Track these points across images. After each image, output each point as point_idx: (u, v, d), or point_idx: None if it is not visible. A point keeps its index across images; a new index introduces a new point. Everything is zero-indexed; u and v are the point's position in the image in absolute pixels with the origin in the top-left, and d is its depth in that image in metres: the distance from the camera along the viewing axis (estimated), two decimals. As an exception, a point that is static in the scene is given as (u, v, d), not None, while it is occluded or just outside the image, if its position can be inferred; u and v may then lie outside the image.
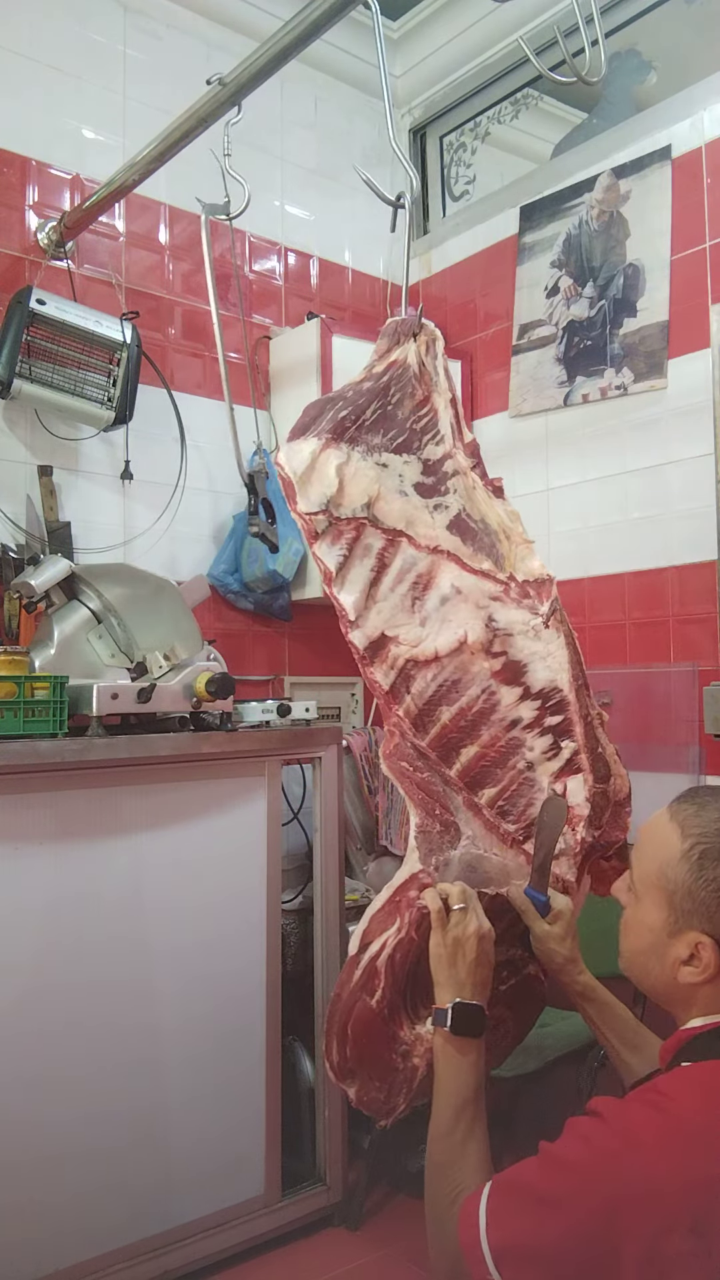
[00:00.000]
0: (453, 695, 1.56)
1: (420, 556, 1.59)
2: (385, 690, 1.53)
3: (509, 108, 3.00)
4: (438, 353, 1.73)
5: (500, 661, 1.58)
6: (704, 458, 2.27)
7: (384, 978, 1.38)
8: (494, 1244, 0.98)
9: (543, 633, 1.60)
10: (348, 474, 1.56)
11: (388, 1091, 1.40)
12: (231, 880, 1.93)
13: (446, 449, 1.69)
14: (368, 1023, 1.38)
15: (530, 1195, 0.99)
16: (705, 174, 2.31)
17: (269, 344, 2.74)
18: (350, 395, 1.63)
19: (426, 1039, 1.36)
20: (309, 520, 1.53)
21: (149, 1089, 1.80)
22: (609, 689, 2.45)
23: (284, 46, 1.72)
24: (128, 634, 1.93)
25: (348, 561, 1.54)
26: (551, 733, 1.59)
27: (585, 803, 1.56)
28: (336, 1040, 1.41)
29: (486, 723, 1.56)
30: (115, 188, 2.09)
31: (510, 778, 1.56)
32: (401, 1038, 1.39)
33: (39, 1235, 1.66)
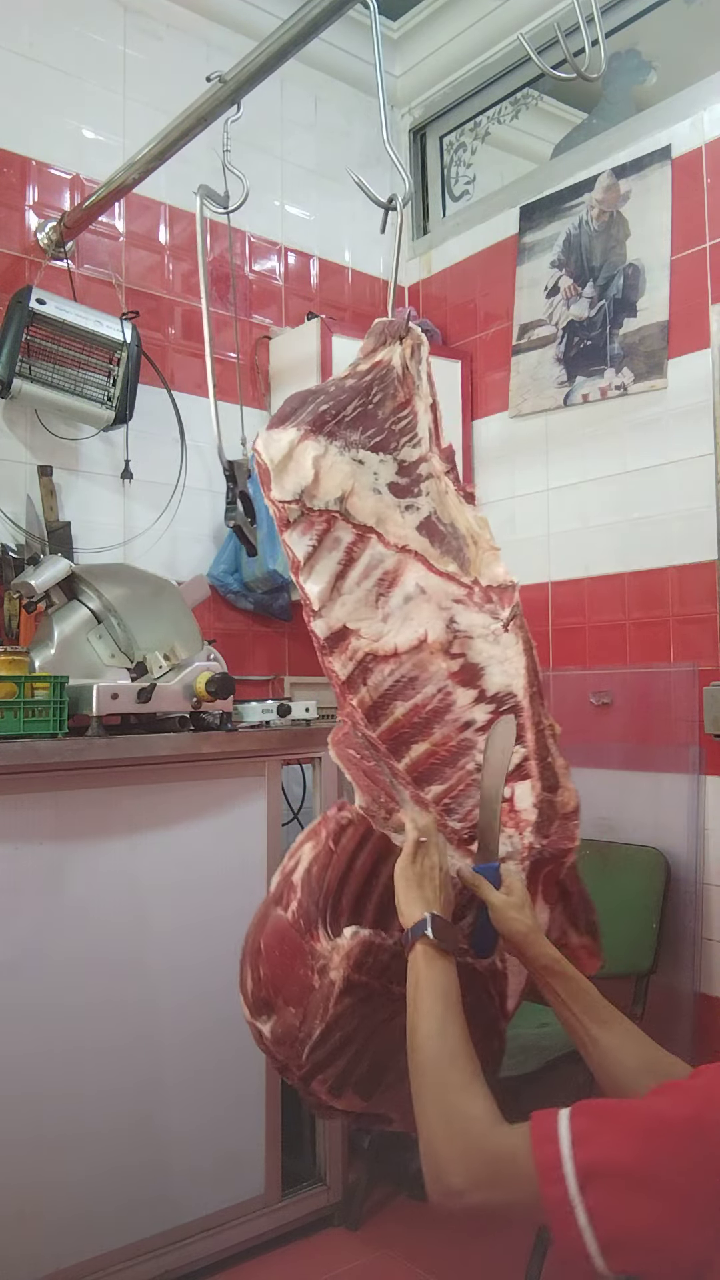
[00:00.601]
0: (408, 691, 1.58)
1: (388, 554, 1.61)
2: (342, 680, 1.55)
3: (509, 108, 3.00)
4: (422, 357, 1.75)
5: (459, 663, 1.61)
6: (704, 458, 2.27)
7: (300, 890, 1.37)
8: (583, 1162, 0.90)
9: (502, 638, 1.63)
10: (324, 466, 1.58)
11: (303, 1015, 1.35)
12: (232, 880, 1.93)
13: (423, 452, 1.71)
14: (281, 935, 1.36)
15: (644, 1116, 0.93)
16: (705, 174, 2.31)
17: (269, 344, 2.74)
18: (332, 390, 1.65)
19: (343, 948, 1.32)
20: (282, 508, 1.56)
21: (149, 1089, 1.80)
22: (609, 689, 2.45)
23: (283, 45, 1.72)
24: (128, 634, 1.93)
25: (316, 552, 1.57)
26: None
27: (532, 808, 1.56)
28: (250, 964, 1.39)
29: (440, 722, 1.58)
30: (115, 187, 2.09)
31: (459, 778, 1.57)
32: (318, 951, 1.34)
33: (39, 1235, 1.66)
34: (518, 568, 2.72)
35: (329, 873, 1.39)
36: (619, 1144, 0.91)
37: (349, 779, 1.48)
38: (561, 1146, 0.91)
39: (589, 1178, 0.89)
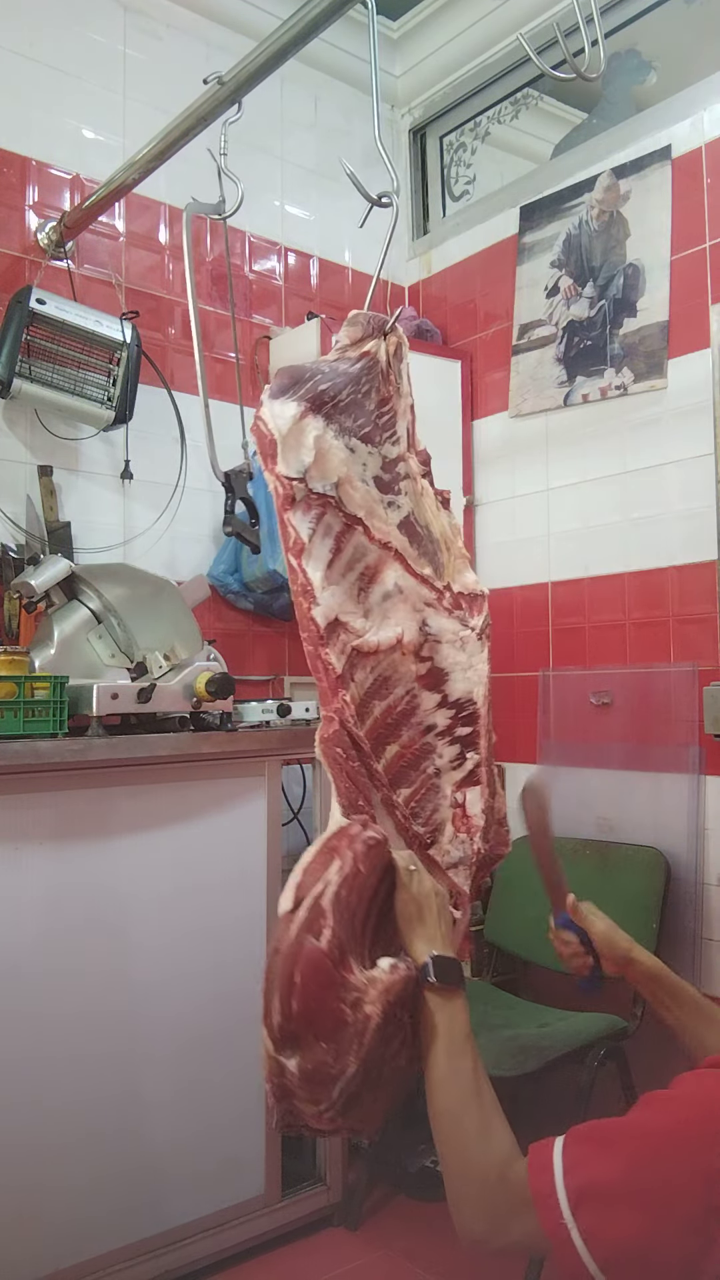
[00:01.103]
0: (383, 691, 1.56)
1: (371, 548, 1.57)
2: (336, 674, 1.49)
3: (509, 108, 3.00)
4: (403, 357, 1.73)
5: (426, 666, 1.60)
6: (704, 458, 2.27)
7: (331, 916, 1.29)
8: (573, 1186, 0.94)
9: (469, 645, 1.63)
10: (324, 448, 1.53)
11: (336, 1051, 1.28)
12: (231, 880, 1.93)
13: (401, 451, 1.68)
14: (317, 966, 1.27)
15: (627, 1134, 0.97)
16: (705, 174, 2.31)
17: (269, 344, 2.74)
18: (328, 371, 1.59)
19: (380, 982, 1.28)
20: (288, 485, 1.49)
21: (149, 1088, 1.80)
22: (609, 689, 2.45)
23: (282, 45, 1.72)
24: (128, 634, 1.93)
25: (314, 535, 1.51)
26: (460, 743, 1.61)
27: (481, 814, 1.57)
28: (280, 997, 1.29)
29: (407, 724, 1.57)
30: (115, 187, 2.09)
31: (421, 781, 1.57)
32: (352, 984, 1.29)
33: (38, 1235, 1.66)
34: (518, 568, 2.74)
35: (355, 896, 1.32)
36: (605, 1163, 0.95)
37: (331, 778, 1.45)
38: (555, 1175, 0.96)
39: (580, 1200, 0.93)
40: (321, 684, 1.50)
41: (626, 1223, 0.91)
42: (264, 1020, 1.30)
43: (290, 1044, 1.29)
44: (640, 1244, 0.90)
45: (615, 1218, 0.92)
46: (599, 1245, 0.91)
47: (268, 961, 1.32)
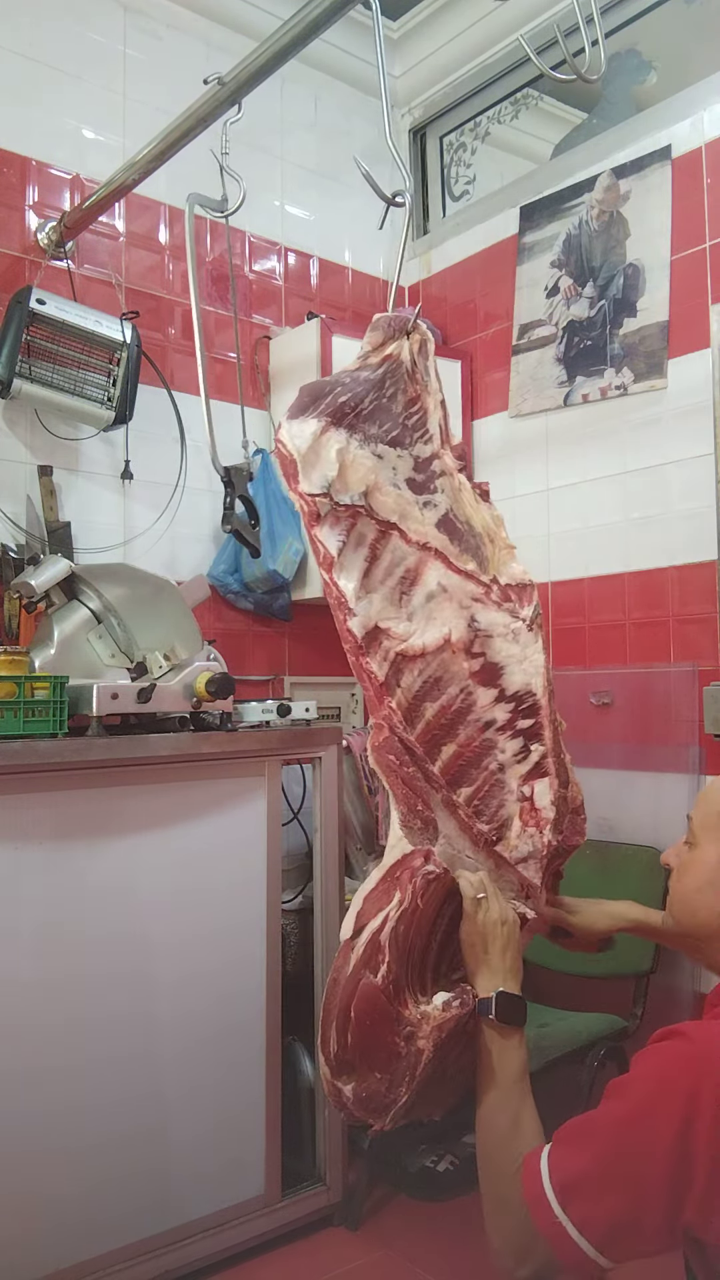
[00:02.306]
0: (435, 692, 1.56)
1: (409, 551, 1.58)
2: (380, 682, 1.51)
3: (509, 108, 3.00)
4: (429, 353, 1.73)
5: (479, 662, 1.59)
6: (704, 458, 2.27)
7: (388, 952, 1.32)
8: (558, 1184, 1.00)
9: (521, 636, 1.61)
10: (347, 460, 1.54)
11: (390, 1082, 1.33)
12: (231, 880, 1.93)
13: (435, 449, 1.68)
14: (372, 1001, 1.32)
15: (598, 1124, 1.02)
16: (705, 174, 2.31)
17: (269, 344, 2.74)
18: (348, 382, 1.61)
19: (433, 1018, 1.31)
20: (313, 502, 1.51)
21: (149, 1089, 1.80)
22: (609, 689, 2.45)
23: (283, 45, 1.72)
24: (128, 634, 1.93)
25: (345, 548, 1.53)
26: (522, 736, 1.59)
27: (550, 806, 1.56)
28: (337, 1027, 1.34)
29: (463, 722, 1.56)
30: (115, 188, 2.09)
31: (483, 778, 1.56)
32: (406, 1018, 1.33)
33: (39, 1235, 1.66)
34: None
35: (413, 931, 1.35)
36: (583, 1155, 1.02)
37: (386, 786, 1.46)
38: (543, 1178, 1.02)
39: (567, 1195, 1.00)
40: (368, 692, 1.52)
41: (609, 1200, 0.97)
42: (321, 1048, 1.36)
43: (346, 1071, 1.35)
44: (627, 1216, 0.96)
45: (600, 1200, 0.98)
46: (592, 1229, 0.97)
47: (326, 991, 1.38)
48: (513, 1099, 1.18)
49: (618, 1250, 0.97)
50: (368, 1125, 1.39)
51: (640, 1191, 0.96)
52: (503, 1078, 1.21)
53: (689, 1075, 0.98)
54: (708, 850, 1.20)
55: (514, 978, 1.31)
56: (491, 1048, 1.25)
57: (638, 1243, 0.97)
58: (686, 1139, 0.94)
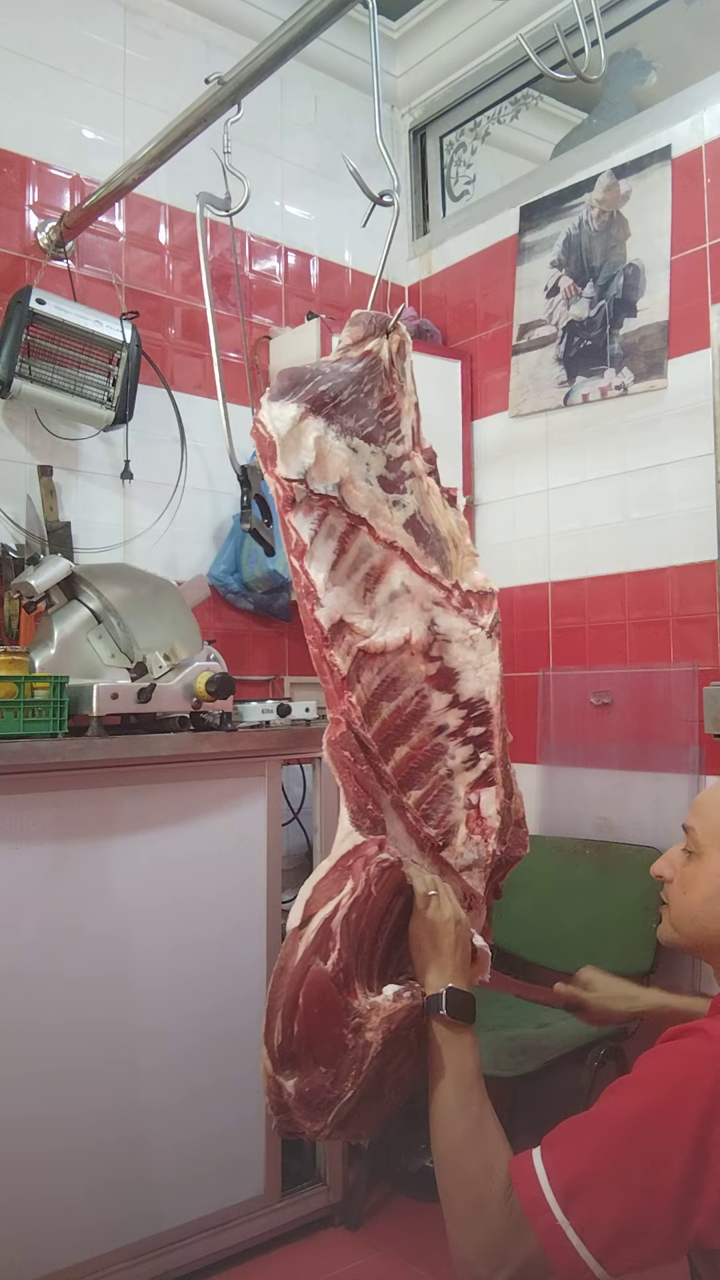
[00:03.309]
0: (391, 692, 1.55)
1: (376, 548, 1.56)
2: (342, 676, 1.47)
3: (509, 108, 3.00)
4: (407, 355, 1.72)
5: (435, 666, 1.58)
6: (704, 458, 2.27)
7: (339, 939, 1.27)
8: (559, 1186, 0.96)
9: (479, 643, 1.61)
10: (324, 449, 1.52)
11: (335, 1077, 1.27)
12: (232, 880, 1.93)
13: (406, 450, 1.67)
14: (322, 990, 1.26)
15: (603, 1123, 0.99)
16: (705, 174, 2.31)
17: (269, 344, 2.74)
18: (328, 371, 1.58)
19: (383, 1009, 1.27)
20: (289, 486, 1.48)
21: (149, 1088, 1.80)
22: (609, 689, 2.45)
23: (283, 45, 1.72)
24: (128, 634, 1.93)
25: (316, 537, 1.50)
26: (473, 743, 1.59)
27: (496, 815, 1.55)
28: (283, 1016, 1.28)
29: (417, 725, 1.55)
30: (115, 188, 2.09)
31: (433, 782, 1.55)
32: (355, 1009, 1.27)
33: (38, 1235, 1.66)
34: (517, 568, 2.73)
35: (365, 920, 1.30)
36: (585, 1156, 0.97)
37: (339, 782, 1.43)
38: (540, 1181, 0.97)
39: (569, 1197, 0.95)
40: (327, 686, 1.48)
41: (616, 1205, 0.93)
42: (264, 1039, 1.29)
43: (289, 1065, 1.28)
44: (635, 1223, 0.92)
45: (605, 1203, 0.93)
46: (595, 1235, 0.93)
47: (273, 979, 1.31)
48: (473, 1099, 1.14)
49: (619, 1260, 0.93)
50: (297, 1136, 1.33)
51: (651, 1195, 0.92)
52: (460, 1078, 1.16)
53: (711, 1073, 0.95)
54: (711, 861, 1.18)
55: (463, 976, 1.27)
56: (445, 1047, 1.20)
57: (642, 1252, 0.93)
58: (706, 1140, 0.91)
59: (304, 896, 1.35)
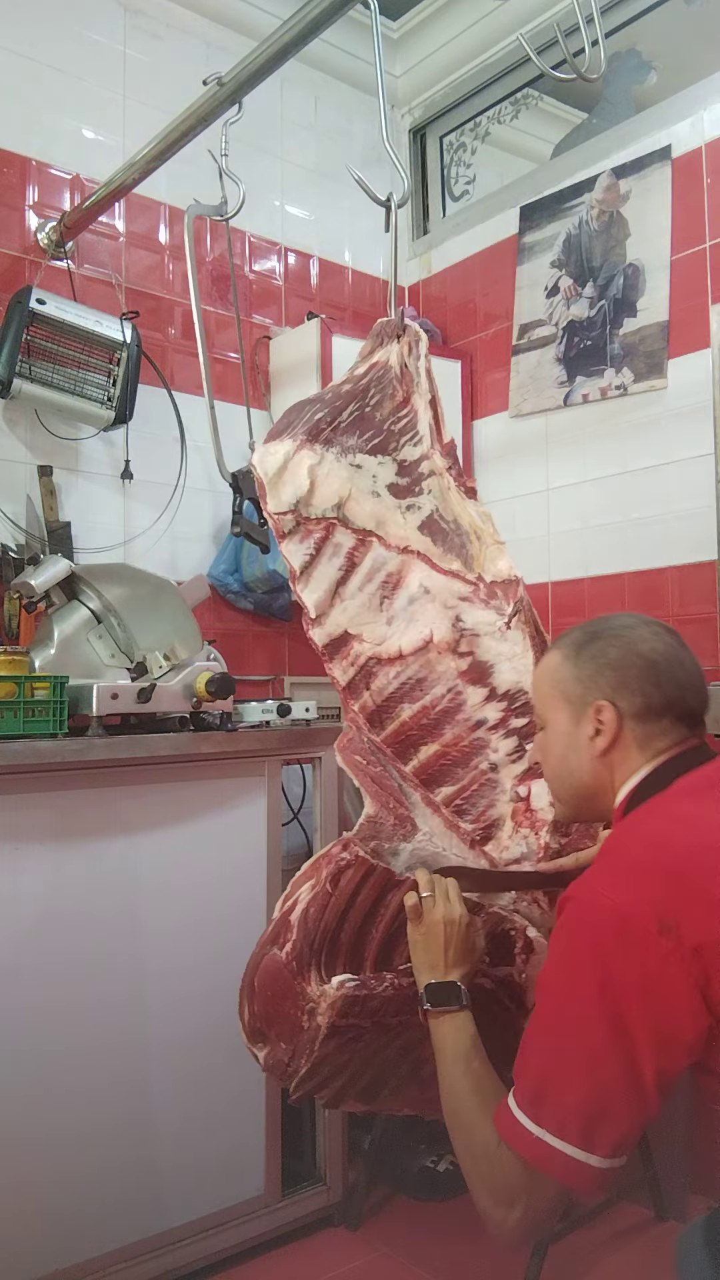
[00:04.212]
0: (416, 693, 1.58)
1: (390, 556, 1.61)
2: (343, 686, 1.57)
3: (509, 108, 3.00)
4: (420, 353, 1.74)
5: (467, 661, 1.60)
6: (704, 458, 2.27)
7: (295, 931, 1.39)
8: (524, 1104, 1.01)
9: (509, 633, 1.61)
10: (320, 475, 1.58)
11: (292, 1053, 1.39)
12: (231, 880, 1.93)
13: (424, 450, 1.70)
14: (274, 975, 1.38)
15: (533, 1030, 1.04)
16: (705, 174, 2.31)
17: (269, 344, 2.74)
18: (328, 398, 1.65)
19: (329, 996, 1.36)
20: (276, 520, 1.57)
21: (149, 1088, 1.80)
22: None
23: (282, 45, 1.72)
24: (128, 634, 1.93)
25: (314, 560, 1.58)
26: (517, 735, 1.59)
27: (548, 807, 1.55)
28: (245, 995, 1.43)
29: (450, 722, 1.58)
30: (115, 188, 2.09)
31: (471, 778, 1.57)
32: (308, 994, 1.37)
33: (39, 1235, 1.66)
34: (518, 568, 2.73)
35: (327, 914, 1.40)
36: (532, 1065, 1.03)
37: (357, 785, 1.49)
38: (513, 1110, 1.03)
39: (534, 1108, 1.00)
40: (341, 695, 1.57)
41: (572, 1092, 0.97)
42: (238, 1014, 1.46)
43: (259, 1040, 1.44)
44: (596, 1098, 0.96)
45: (562, 1096, 0.98)
46: (569, 1129, 0.96)
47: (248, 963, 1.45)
48: (471, 1066, 1.19)
49: (602, 1139, 0.96)
50: None
51: (595, 1068, 0.96)
52: (455, 1051, 1.22)
53: (585, 933, 1.00)
54: (555, 720, 1.25)
55: (455, 970, 1.32)
56: (436, 1031, 1.27)
57: (619, 1123, 0.96)
58: (610, 991, 0.95)
59: (285, 893, 1.47)
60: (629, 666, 1.22)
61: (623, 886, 1.01)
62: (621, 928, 0.97)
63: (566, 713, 1.24)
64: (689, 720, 1.22)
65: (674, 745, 1.20)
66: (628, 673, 1.22)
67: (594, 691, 1.22)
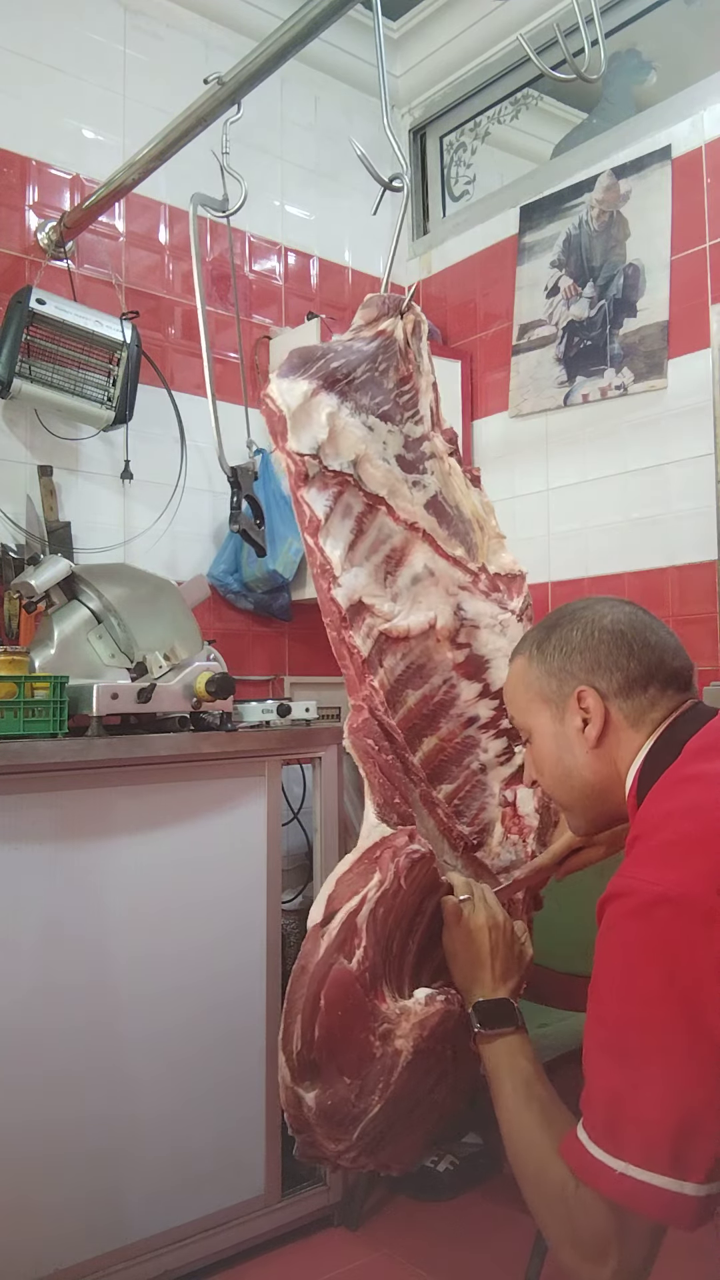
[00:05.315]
0: (417, 679, 1.48)
1: (396, 529, 1.51)
2: (363, 658, 1.40)
3: (509, 108, 3.00)
4: (422, 335, 1.66)
5: (464, 654, 1.52)
6: (704, 458, 2.27)
7: (365, 936, 1.17)
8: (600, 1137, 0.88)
9: (510, 629, 1.55)
10: (337, 425, 1.47)
11: (360, 1089, 1.16)
12: (231, 880, 1.93)
13: (425, 430, 1.62)
14: (346, 989, 1.15)
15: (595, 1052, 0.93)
16: (705, 174, 2.31)
17: (269, 344, 2.74)
18: (341, 350, 1.53)
19: (415, 1014, 1.18)
20: (300, 461, 1.43)
21: (149, 1089, 1.80)
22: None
23: (282, 45, 1.72)
24: (128, 634, 1.93)
25: (332, 514, 1.45)
26: (506, 735, 1.52)
27: (534, 814, 1.49)
28: (303, 1019, 1.16)
29: (445, 715, 1.49)
30: (115, 187, 2.09)
31: (465, 777, 1.49)
32: (383, 1013, 1.16)
33: (39, 1235, 1.66)
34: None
35: (393, 916, 1.21)
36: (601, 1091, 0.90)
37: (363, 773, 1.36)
38: (585, 1145, 0.90)
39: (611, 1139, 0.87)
40: (348, 670, 1.40)
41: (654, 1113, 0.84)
42: (282, 1046, 1.19)
43: (310, 1074, 1.18)
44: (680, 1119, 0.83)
45: (643, 1119, 0.85)
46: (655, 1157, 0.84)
47: (292, 980, 1.21)
48: (533, 1093, 1.07)
49: (694, 1161, 0.82)
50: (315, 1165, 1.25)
51: (675, 1074, 0.84)
52: (514, 1079, 1.09)
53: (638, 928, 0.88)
54: (539, 726, 1.17)
55: (504, 982, 1.21)
56: (490, 1056, 1.14)
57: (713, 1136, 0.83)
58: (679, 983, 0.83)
59: (326, 891, 1.26)
60: (597, 645, 1.13)
61: (667, 867, 0.89)
62: (678, 911, 0.85)
63: (548, 713, 1.16)
64: (676, 683, 1.13)
65: (670, 712, 1.10)
66: (598, 652, 1.13)
67: (569, 681, 1.13)
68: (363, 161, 1.65)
